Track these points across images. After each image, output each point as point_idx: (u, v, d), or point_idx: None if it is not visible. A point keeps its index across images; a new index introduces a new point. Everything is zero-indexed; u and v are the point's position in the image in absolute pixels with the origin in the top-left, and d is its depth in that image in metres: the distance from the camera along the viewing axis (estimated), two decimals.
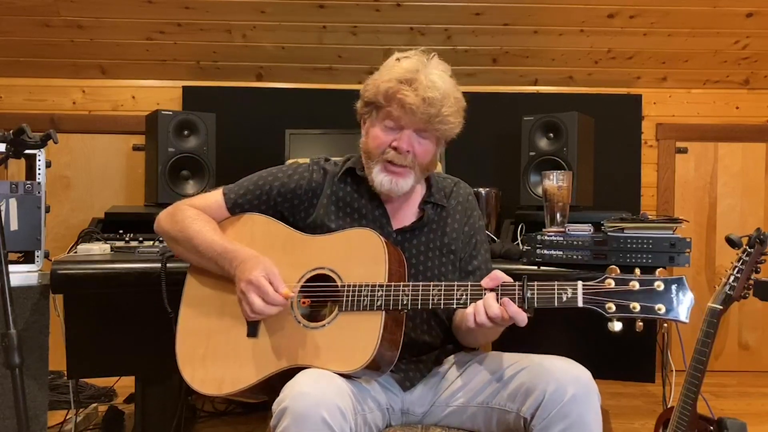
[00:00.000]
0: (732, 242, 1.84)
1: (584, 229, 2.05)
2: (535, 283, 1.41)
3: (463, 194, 1.78)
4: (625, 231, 2.01)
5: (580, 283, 1.38)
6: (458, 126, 1.64)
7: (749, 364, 3.89)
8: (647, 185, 3.81)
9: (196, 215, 1.67)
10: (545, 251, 2.04)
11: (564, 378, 1.41)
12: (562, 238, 2.04)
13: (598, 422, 1.41)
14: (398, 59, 1.63)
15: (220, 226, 1.68)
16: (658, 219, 2.07)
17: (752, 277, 1.81)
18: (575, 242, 2.02)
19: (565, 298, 1.38)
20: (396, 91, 1.56)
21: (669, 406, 2.03)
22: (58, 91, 3.70)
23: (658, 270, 1.39)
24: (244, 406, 3.06)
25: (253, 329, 1.56)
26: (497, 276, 1.46)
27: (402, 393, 1.62)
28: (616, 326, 1.35)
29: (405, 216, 1.71)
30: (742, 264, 1.81)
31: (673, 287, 1.34)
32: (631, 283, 1.36)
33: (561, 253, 2.03)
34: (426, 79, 1.56)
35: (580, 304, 1.37)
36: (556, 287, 1.39)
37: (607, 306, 1.35)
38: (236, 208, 1.70)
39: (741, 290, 1.81)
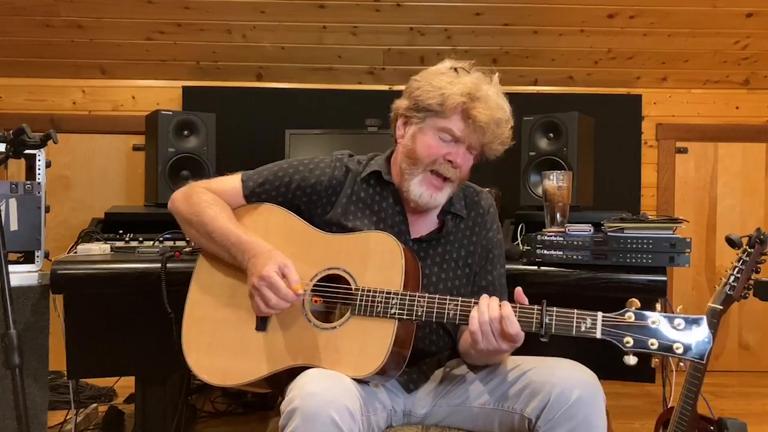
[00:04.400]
0: (732, 242, 1.84)
1: (584, 229, 2.05)
2: (554, 309, 1.39)
3: (485, 206, 1.75)
4: (625, 231, 2.01)
5: (600, 315, 1.36)
6: (505, 149, 1.63)
7: (749, 364, 3.89)
8: (647, 185, 3.81)
9: (213, 200, 1.65)
10: (545, 251, 2.04)
11: (570, 380, 1.41)
12: (562, 238, 2.03)
13: (604, 425, 1.41)
14: (455, 69, 1.60)
15: (235, 213, 1.66)
16: (658, 219, 2.07)
17: (752, 277, 1.81)
18: (575, 242, 2.02)
19: (583, 328, 1.37)
20: (469, 107, 1.53)
21: (669, 406, 2.03)
22: (58, 91, 3.71)
23: (679, 308, 1.37)
24: (244, 406, 3.07)
25: (262, 323, 1.55)
26: (517, 294, 1.45)
27: (405, 395, 1.61)
28: (632, 360, 1.33)
29: (424, 225, 1.68)
30: (742, 264, 1.81)
31: (693, 327, 1.32)
32: (651, 320, 1.34)
33: (561, 253, 2.03)
34: (494, 98, 1.56)
35: (598, 335, 1.35)
36: (575, 316, 1.37)
37: (625, 340, 1.33)
38: (253, 196, 1.68)
39: (741, 290, 1.81)
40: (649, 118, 3.83)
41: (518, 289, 1.46)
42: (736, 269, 1.82)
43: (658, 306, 1.37)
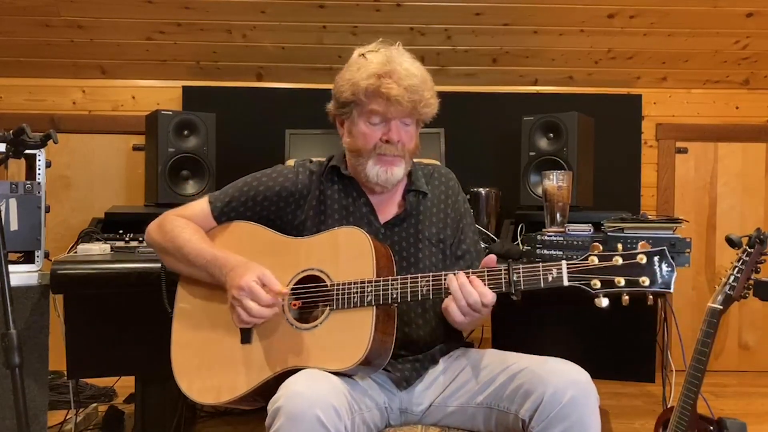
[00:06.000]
0: (732, 242, 1.84)
1: (584, 229, 2.05)
2: (521, 266, 1.43)
3: (444, 179, 1.79)
4: (625, 231, 2.01)
5: (564, 263, 1.40)
6: (437, 106, 1.66)
7: (749, 364, 3.89)
8: (647, 185, 3.81)
9: (185, 224, 1.67)
10: (545, 251, 2.04)
11: (563, 380, 1.41)
12: (562, 238, 2.04)
13: (597, 424, 1.41)
14: (363, 55, 1.65)
15: (207, 235, 1.68)
16: (658, 219, 2.07)
17: (752, 277, 1.81)
18: (575, 242, 2.02)
19: (550, 279, 1.40)
20: (378, 86, 1.58)
21: (669, 406, 2.03)
22: (58, 91, 3.70)
23: (641, 243, 1.40)
24: None
25: (246, 336, 1.57)
26: (488, 261, 1.49)
27: (399, 392, 1.62)
28: (603, 302, 1.36)
29: (390, 208, 1.72)
30: (742, 264, 1.81)
31: (656, 259, 1.37)
32: (614, 259, 1.38)
33: (561, 253, 2.03)
34: (402, 68, 1.59)
35: (565, 282, 1.39)
36: (541, 268, 1.41)
37: (592, 283, 1.37)
38: (222, 216, 1.70)
39: (741, 290, 1.81)
40: (649, 118, 3.83)
41: (491, 256, 1.50)
42: (736, 269, 1.82)
43: (620, 246, 1.39)
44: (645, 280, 1.35)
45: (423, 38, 3.46)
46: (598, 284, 1.37)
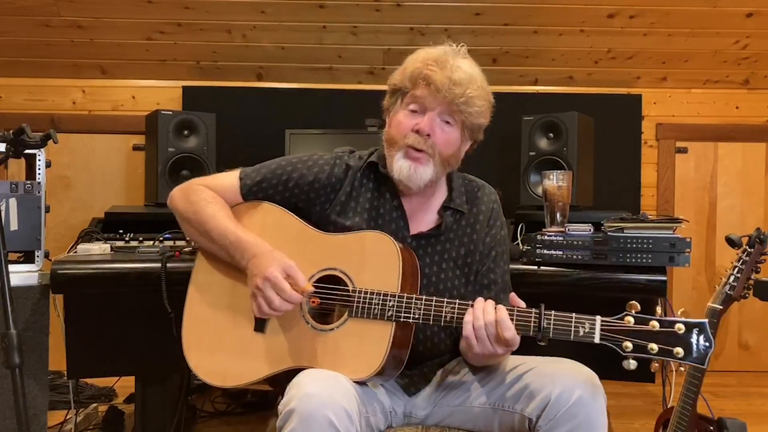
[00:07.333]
0: (732, 242, 1.84)
1: (584, 229, 2.05)
2: (552, 312, 1.38)
3: (487, 201, 1.72)
4: (625, 231, 2.01)
5: (598, 319, 1.35)
6: (485, 114, 1.62)
7: (749, 364, 3.89)
8: (647, 185, 3.81)
9: (212, 198, 1.64)
10: (545, 251, 2.04)
11: (571, 380, 1.41)
12: (562, 238, 2.03)
13: (604, 424, 1.41)
14: (424, 48, 1.63)
15: (233, 211, 1.65)
16: (658, 219, 2.07)
17: (752, 277, 1.81)
18: (575, 242, 2.02)
19: (582, 333, 1.35)
20: (422, 69, 1.55)
21: (669, 406, 2.03)
22: (58, 91, 3.71)
23: (681, 310, 1.35)
24: (244, 406, 3.07)
25: (260, 324, 1.55)
26: (512, 299, 1.46)
27: (406, 398, 1.61)
28: (632, 365, 1.31)
29: (423, 221, 1.66)
30: (742, 264, 1.81)
31: (695, 331, 1.30)
32: (651, 323, 1.31)
33: (561, 253, 2.03)
34: (454, 61, 1.56)
35: (596, 340, 1.34)
36: (573, 320, 1.36)
37: (624, 345, 1.32)
38: (250, 195, 1.67)
39: (741, 290, 1.81)
40: (649, 118, 3.83)
41: (512, 294, 1.48)
42: (736, 269, 1.82)
43: (659, 309, 1.35)
44: (679, 352, 1.29)
45: (423, 38, 3.46)
46: (630, 347, 1.31)
